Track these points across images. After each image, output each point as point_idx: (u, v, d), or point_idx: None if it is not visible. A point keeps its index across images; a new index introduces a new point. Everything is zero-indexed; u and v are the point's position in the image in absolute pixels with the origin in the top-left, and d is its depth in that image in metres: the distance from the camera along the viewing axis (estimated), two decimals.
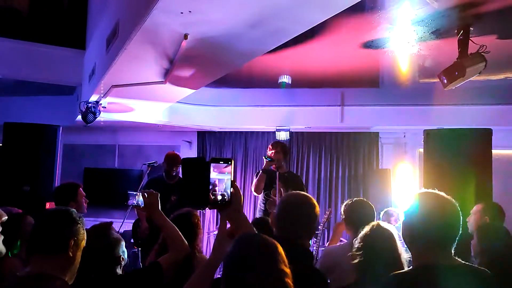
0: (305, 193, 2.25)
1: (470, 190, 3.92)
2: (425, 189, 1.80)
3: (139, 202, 2.54)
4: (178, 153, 5.25)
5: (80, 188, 3.49)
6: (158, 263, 2.24)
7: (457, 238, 1.68)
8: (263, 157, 4.80)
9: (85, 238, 1.80)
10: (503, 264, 2.49)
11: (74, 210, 1.82)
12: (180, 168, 5.05)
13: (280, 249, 1.40)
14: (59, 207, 1.91)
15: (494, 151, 4.21)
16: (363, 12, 3.47)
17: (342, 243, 3.13)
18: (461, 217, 1.70)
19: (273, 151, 4.77)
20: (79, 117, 5.16)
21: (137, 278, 2.23)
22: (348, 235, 2.97)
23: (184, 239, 2.33)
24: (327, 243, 3.22)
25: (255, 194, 4.97)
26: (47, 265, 1.68)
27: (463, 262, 1.70)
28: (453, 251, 1.69)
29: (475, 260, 2.72)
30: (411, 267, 1.74)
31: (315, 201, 2.13)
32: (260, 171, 4.83)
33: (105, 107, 5.08)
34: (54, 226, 1.73)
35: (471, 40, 3.58)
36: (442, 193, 1.73)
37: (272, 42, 3.24)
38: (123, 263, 2.28)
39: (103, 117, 5.25)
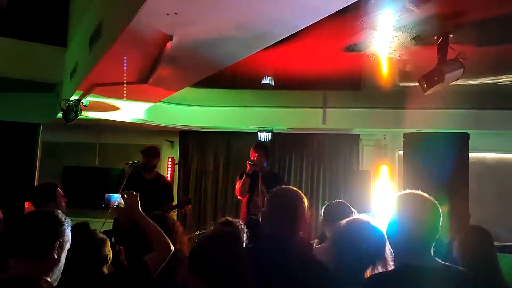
0: (293, 188, 2.30)
1: (447, 191, 4.03)
2: (407, 190, 1.85)
3: (119, 204, 2.53)
4: (156, 146, 5.20)
5: (58, 188, 3.44)
6: (144, 261, 2.25)
7: (435, 239, 1.73)
8: (248, 163, 4.81)
9: (70, 239, 1.80)
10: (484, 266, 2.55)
11: (59, 211, 1.82)
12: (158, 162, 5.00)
13: None
14: (44, 209, 1.90)
15: (470, 154, 4.33)
16: (346, 17, 3.53)
17: (323, 244, 3.19)
18: (441, 218, 1.75)
19: (256, 154, 4.80)
20: (59, 115, 5.10)
21: (123, 276, 2.24)
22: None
23: (167, 237, 2.34)
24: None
25: (240, 198, 4.96)
26: (31, 267, 1.67)
27: (444, 263, 1.75)
28: (432, 252, 1.74)
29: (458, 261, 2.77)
30: (393, 267, 1.79)
31: (303, 195, 2.21)
32: (244, 175, 4.81)
33: (87, 106, 5.04)
34: (39, 228, 1.72)
35: (450, 46, 3.68)
36: (422, 193, 1.79)
37: (257, 45, 3.27)
38: (109, 262, 2.29)
39: (84, 115, 5.20)
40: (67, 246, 1.78)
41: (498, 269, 2.63)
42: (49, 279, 1.70)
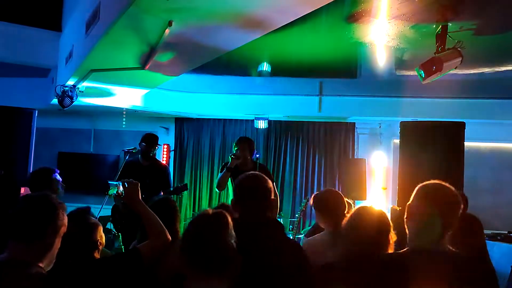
0: (255, 172, 2.25)
1: (442, 180, 4.06)
2: (430, 181, 1.93)
3: (120, 192, 2.52)
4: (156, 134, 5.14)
5: (57, 173, 3.41)
6: (137, 249, 2.25)
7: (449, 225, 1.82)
8: (230, 156, 4.66)
9: (66, 224, 1.78)
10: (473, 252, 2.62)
11: (54, 195, 1.80)
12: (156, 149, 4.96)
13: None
14: (39, 193, 1.87)
15: (465, 143, 4.36)
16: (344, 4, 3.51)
17: (320, 234, 3.15)
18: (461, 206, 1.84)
19: (237, 148, 4.63)
20: (54, 100, 5.04)
21: (115, 263, 2.23)
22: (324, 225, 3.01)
23: (164, 227, 2.34)
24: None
25: (217, 190, 4.85)
26: (24, 251, 1.66)
27: (452, 249, 1.83)
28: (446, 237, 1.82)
29: None
30: (405, 249, 1.87)
31: (266, 177, 2.16)
32: (225, 169, 4.61)
33: (83, 91, 4.99)
34: (31, 212, 1.70)
35: (448, 35, 3.69)
36: (443, 183, 1.88)
37: (256, 32, 3.24)
38: (101, 247, 2.28)
39: (80, 101, 5.15)
40: (63, 230, 1.76)
41: (486, 255, 2.71)
42: (41, 264, 1.68)
